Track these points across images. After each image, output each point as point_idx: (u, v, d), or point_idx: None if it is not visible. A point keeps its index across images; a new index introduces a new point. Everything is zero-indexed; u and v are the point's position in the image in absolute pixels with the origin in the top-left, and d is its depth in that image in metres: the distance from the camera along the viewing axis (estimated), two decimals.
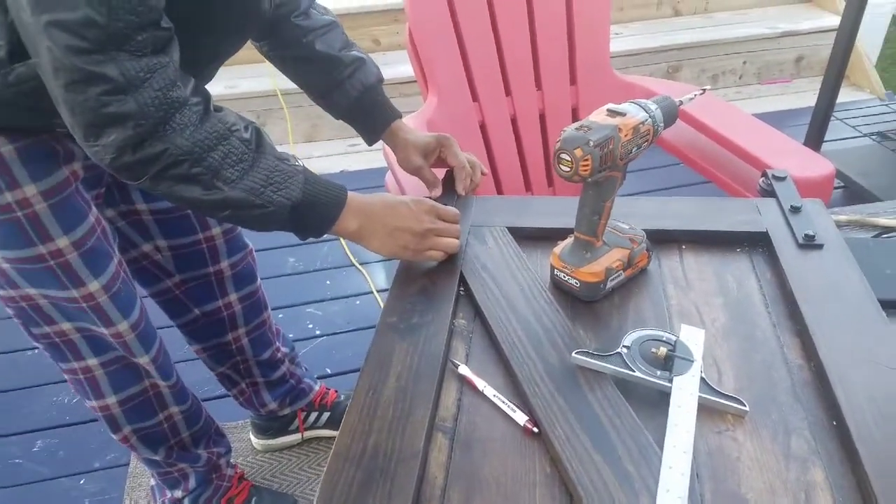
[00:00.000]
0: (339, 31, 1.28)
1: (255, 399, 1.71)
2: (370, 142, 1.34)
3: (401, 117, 1.33)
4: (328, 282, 2.52)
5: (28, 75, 0.92)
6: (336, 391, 1.87)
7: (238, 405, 1.76)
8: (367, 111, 1.30)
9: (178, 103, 0.87)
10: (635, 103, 0.94)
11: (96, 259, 1.16)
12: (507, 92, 1.89)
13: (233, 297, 1.51)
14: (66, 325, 1.21)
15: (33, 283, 1.14)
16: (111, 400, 1.33)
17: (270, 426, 1.83)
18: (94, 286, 1.16)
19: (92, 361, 1.27)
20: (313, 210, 1.00)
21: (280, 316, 2.34)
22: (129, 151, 0.86)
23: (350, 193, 1.04)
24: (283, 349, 1.71)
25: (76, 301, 1.16)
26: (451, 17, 1.79)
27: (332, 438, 1.82)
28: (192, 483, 1.54)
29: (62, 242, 1.10)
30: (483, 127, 1.88)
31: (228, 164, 0.92)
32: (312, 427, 1.85)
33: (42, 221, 1.08)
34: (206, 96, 0.93)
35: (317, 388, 1.84)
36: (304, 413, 1.83)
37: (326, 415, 1.84)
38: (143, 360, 1.30)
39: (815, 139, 2.62)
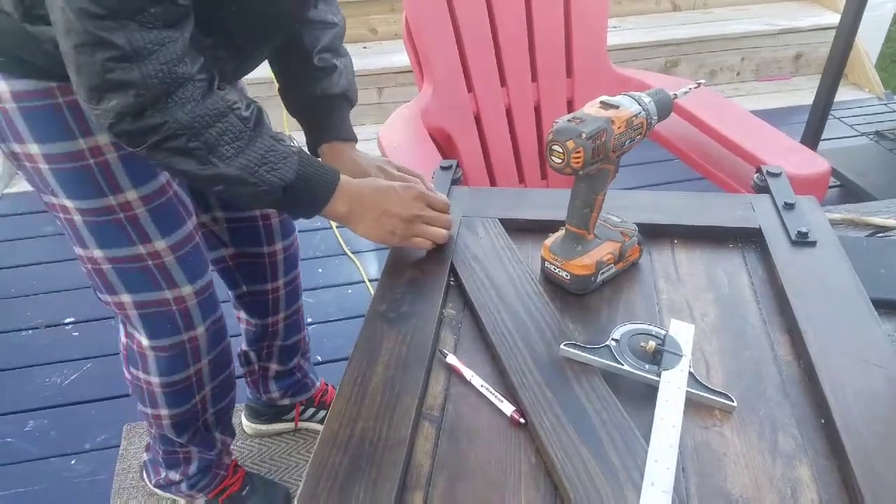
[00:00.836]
0: (333, 32, 1.25)
1: (262, 384, 1.73)
2: (313, 146, 1.28)
3: (353, 141, 1.27)
4: (320, 270, 2.51)
5: None
6: (335, 390, 1.84)
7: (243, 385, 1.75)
8: (328, 113, 1.26)
9: (182, 79, 0.89)
10: (629, 96, 0.94)
11: (166, 217, 1.17)
12: (503, 83, 1.88)
13: (280, 281, 1.53)
14: (125, 297, 1.21)
15: (101, 242, 1.14)
16: (155, 379, 1.32)
17: (266, 412, 1.84)
18: (160, 245, 1.16)
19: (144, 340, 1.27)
20: (305, 191, 1.01)
21: None
22: (128, 119, 0.88)
23: (342, 177, 1.04)
24: (306, 339, 1.74)
25: (141, 259, 1.16)
26: (448, 7, 1.78)
27: None
28: (192, 468, 1.54)
29: (131, 195, 1.11)
30: (478, 117, 1.87)
31: (225, 141, 0.93)
32: (308, 421, 1.85)
33: (113, 171, 1.08)
34: (212, 74, 0.94)
35: (318, 384, 1.84)
36: (303, 407, 1.83)
37: (323, 413, 1.83)
38: (199, 331, 1.29)
39: (812, 137, 2.62)
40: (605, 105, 0.92)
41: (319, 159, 1.16)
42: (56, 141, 1.05)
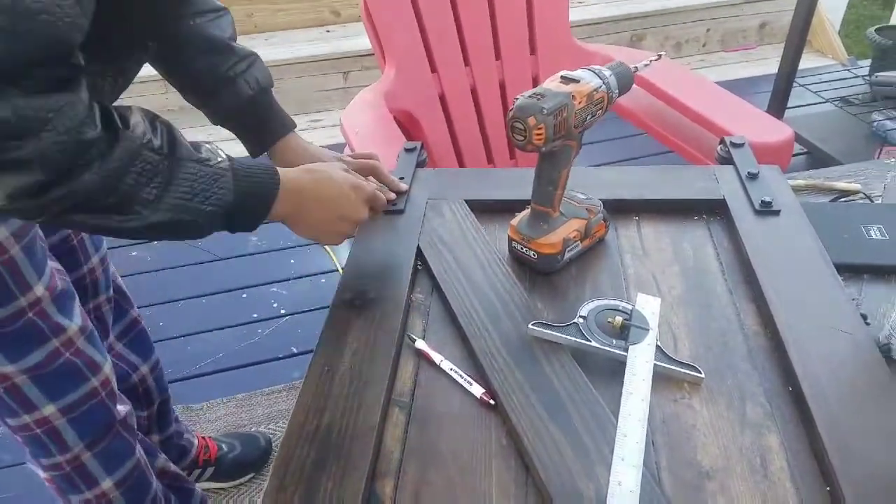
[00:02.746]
0: (231, 19, 1.11)
1: None
2: (256, 153, 1.16)
3: (295, 128, 1.18)
4: (293, 260, 2.49)
5: None
6: (217, 444, 1.72)
7: None
8: (260, 115, 1.13)
9: (88, 144, 0.71)
10: (589, 70, 0.93)
11: (95, 338, 1.11)
12: (466, 62, 1.87)
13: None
14: (80, 447, 1.14)
15: (53, 393, 1.06)
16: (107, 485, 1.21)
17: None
18: (107, 368, 1.12)
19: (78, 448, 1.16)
20: (248, 209, 0.88)
21: (244, 296, 2.32)
22: (24, 199, 0.70)
23: (282, 175, 0.92)
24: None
25: (96, 393, 1.11)
26: None
27: (223, 488, 1.71)
28: None
29: (73, 330, 1.05)
30: (442, 98, 1.86)
31: (143, 184, 0.76)
32: (200, 482, 1.66)
33: (49, 314, 1.02)
34: (109, 111, 0.76)
35: (196, 441, 1.66)
36: (187, 473, 1.63)
37: (211, 469, 1.68)
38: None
39: (777, 106, 2.63)
40: (565, 80, 0.91)
41: (253, 159, 1.08)
42: None
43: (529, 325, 0.87)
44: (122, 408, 1.20)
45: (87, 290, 1.25)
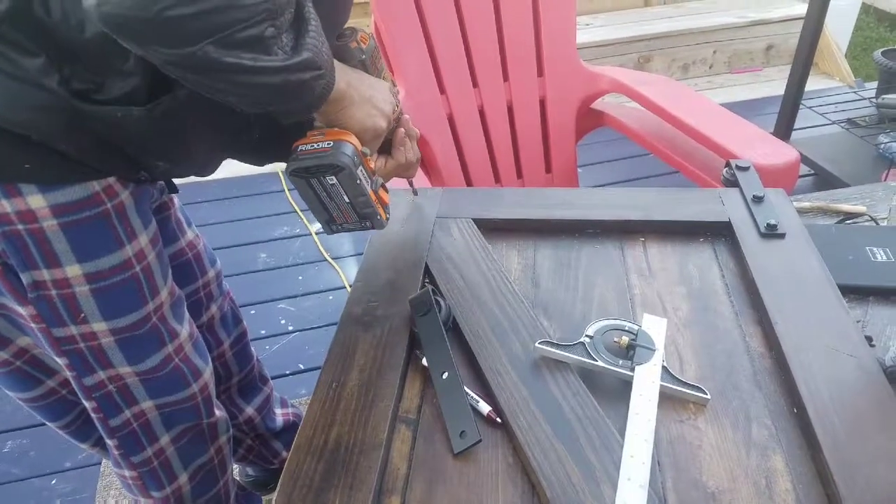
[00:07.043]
0: None
1: (266, 450, 1.55)
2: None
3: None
4: (300, 277, 2.50)
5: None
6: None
7: (246, 468, 1.64)
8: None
9: None
10: None
11: (179, 305, 1.06)
12: (475, 84, 1.89)
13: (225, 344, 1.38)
14: (146, 404, 1.06)
15: (135, 356, 0.99)
16: (183, 479, 1.16)
17: (272, 479, 1.65)
18: (184, 334, 1.06)
19: (165, 440, 1.11)
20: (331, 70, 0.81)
21: (252, 312, 2.33)
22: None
23: None
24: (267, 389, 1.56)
25: (170, 359, 1.03)
26: (417, 9, 1.78)
27: None
28: None
29: (164, 294, 1.00)
30: (451, 119, 1.87)
31: (280, 30, 0.71)
32: None
33: (153, 272, 0.97)
34: None
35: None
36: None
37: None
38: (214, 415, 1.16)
39: (784, 127, 2.65)
40: None
41: None
42: (102, 255, 0.90)
43: (536, 344, 0.88)
44: (217, 414, 1.17)
45: (202, 303, 1.27)
